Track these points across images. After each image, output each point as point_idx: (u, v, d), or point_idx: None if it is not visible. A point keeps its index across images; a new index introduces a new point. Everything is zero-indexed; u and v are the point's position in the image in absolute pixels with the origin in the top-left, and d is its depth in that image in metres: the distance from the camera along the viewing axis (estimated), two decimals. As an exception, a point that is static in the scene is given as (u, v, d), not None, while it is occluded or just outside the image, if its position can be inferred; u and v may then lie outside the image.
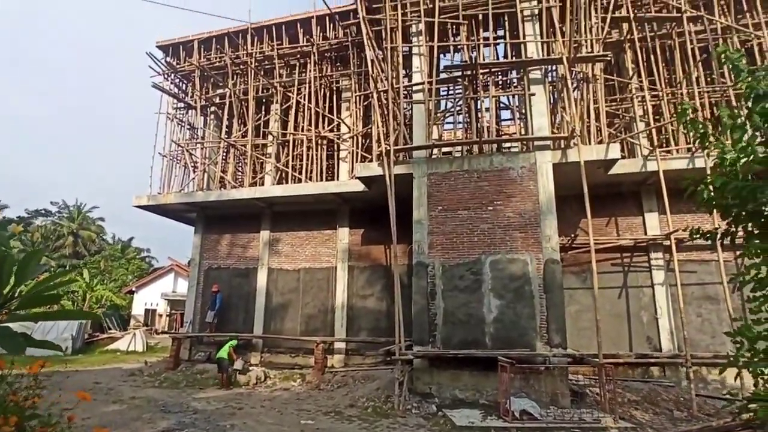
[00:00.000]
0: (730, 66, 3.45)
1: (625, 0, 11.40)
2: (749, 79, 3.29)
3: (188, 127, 16.89)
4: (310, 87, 14.54)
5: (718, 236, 3.77)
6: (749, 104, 3.28)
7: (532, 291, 9.55)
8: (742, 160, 3.34)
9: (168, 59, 16.47)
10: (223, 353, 11.79)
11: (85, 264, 33.81)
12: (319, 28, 14.75)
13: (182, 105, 16.80)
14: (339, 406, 9.52)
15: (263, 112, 16.01)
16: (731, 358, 3.49)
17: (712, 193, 3.53)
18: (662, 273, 10.94)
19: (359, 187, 12.00)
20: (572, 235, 11.10)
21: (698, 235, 3.81)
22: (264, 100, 15.97)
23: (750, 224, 3.49)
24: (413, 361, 9.90)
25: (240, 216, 14.89)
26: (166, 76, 16.51)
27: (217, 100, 16.39)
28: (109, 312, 27.20)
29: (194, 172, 15.96)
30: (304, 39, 14.88)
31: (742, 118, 3.42)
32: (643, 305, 11.06)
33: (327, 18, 14.50)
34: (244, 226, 14.93)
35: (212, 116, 16.72)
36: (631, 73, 11.88)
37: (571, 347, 10.04)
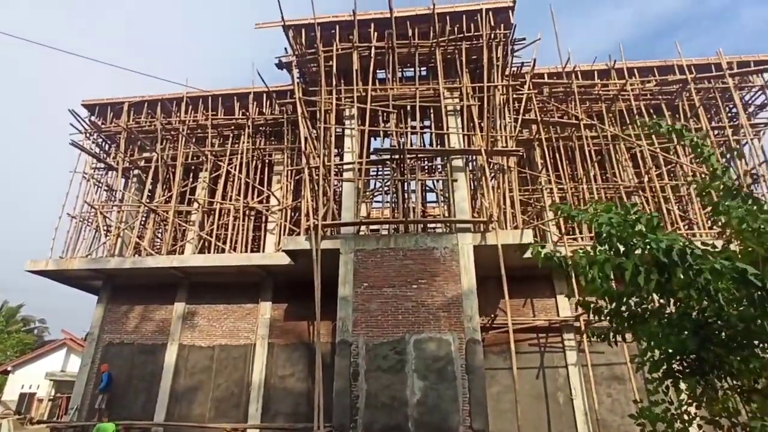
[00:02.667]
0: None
1: (534, 105, 13.05)
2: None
3: (106, 188, 15.93)
4: (242, 158, 14.54)
5: (604, 313, 4.00)
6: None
7: (454, 372, 9.52)
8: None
9: (93, 118, 15.85)
10: None
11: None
12: (255, 103, 15.14)
13: (102, 166, 15.96)
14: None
15: (191, 179, 15.60)
16: None
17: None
18: (575, 354, 11.48)
19: (285, 260, 11.75)
20: (492, 315, 11.47)
21: (584, 307, 4.07)
22: (193, 168, 15.64)
23: (620, 321, 3.82)
24: (332, 450, 9.21)
25: (153, 286, 13.76)
26: (88, 135, 15.77)
27: (142, 164, 15.79)
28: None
29: (106, 236, 14.81)
30: (240, 112, 15.15)
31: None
32: (559, 386, 11.39)
33: (264, 95, 14.97)
34: (157, 297, 13.76)
35: (134, 179, 15.97)
36: (540, 167, 13.27)
37: (493, 430, 9.94)
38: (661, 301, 3.60)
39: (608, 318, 3.84)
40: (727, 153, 12.04)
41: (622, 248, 3.24)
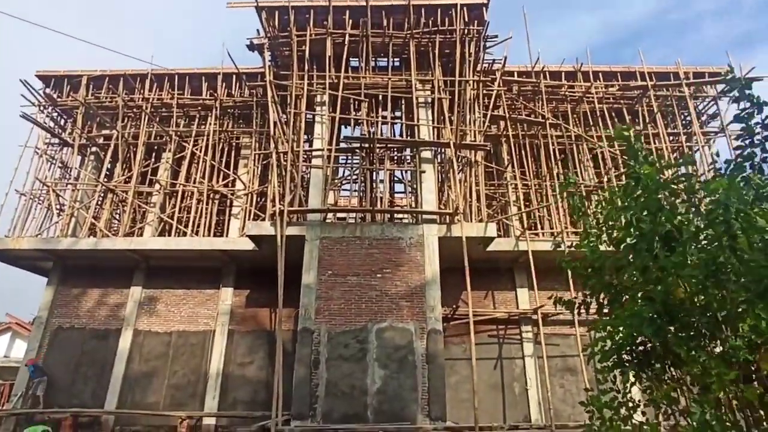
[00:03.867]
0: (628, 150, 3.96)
1: (503, 102, 13.28)
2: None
3: (60, 165, 15.13)
4: (208, 140, 14.11)
5: (576, 305, 4.21)
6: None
7: (415, 361, 9.64)
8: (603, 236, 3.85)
9: (48, 90, 14.99)
10: None
11: None
12: (224, 84, 14.71)
13: (56, 141, 15.13)
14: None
15: (153, 159, 15.02)
16: (587, 427, 3.76)
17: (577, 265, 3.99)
18: (531, 345, 11.84)
19: (249, 245, 11.52)
20: (454, 306, 11.66)
21: (560, 304, 4.24)
22: (155, 147, 15.06)
23: (603, 294, 3.99)
24: (290, 438, 9.15)
25: (109, 269, 13.20)
26: (41, 108, 14.90)
27: (101, 141, 15.07)
28: None
29: (59, 215, 14.08)
30: (208, 92, 14.67)
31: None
32: (515, 376, 11.73)
33: (234, 76, 14.56)
34: (113, 280, 13.21)
35: (92, 157, 15.22)
36: (506, 163, 13.54)
37: (451, 419, 10.11)
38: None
39: (589, 287, 3.98)
40: (680, 159, 12.64)
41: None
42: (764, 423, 3.13)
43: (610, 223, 3.80)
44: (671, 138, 13.81)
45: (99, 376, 12.27)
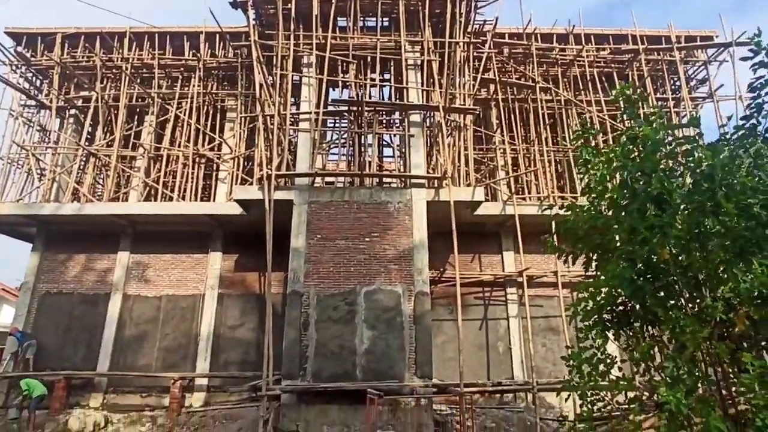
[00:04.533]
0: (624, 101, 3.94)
1: (493, 65, 13.07)
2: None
3: (38, 128, 14.66)
4: (192, 102, 13.72)
5: (563, 256, 4.34)
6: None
7: (402, 322, 9.87)
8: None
9: (20, 49, 14.31)
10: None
11: None
12: (207, 44, 14.19)
13: (33, 103, 14.59)
14: (192, 451, 8.59)
15: (135, 123, 14.63)
16: (566, 382, 3.94)
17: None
18: (516, 307, 12.18)
19: (237, 210, 11.46)
20: (441, 270, 11.86)
21: (550, 248, 4.36)
22: (137, 110, 14.64)
23: (594, 250, 4.10)
24: (281, 396, 9.44)
25: (94, 234, 13.05)
26: (14, 67, 14.27)
27: (80, 103, 14.57)
28: None
29: (40, 180, 13.77)
30: (190, 52, 14.16)
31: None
32: (499, 336, 12.12)
33: (217, 35, 14.04)
34: (99, 246, 13.10)
35: (71, 120, 14.75)
36: (495, 127, 13.47)
37: (437, 377, 10.50)
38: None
39: (580, 245, 4.07)
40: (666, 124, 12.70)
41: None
42: (732, 378, 3.31)
43: (606, 184, 3.83)
44: (659, 103, 13.80)
45: (89, 340, 12.36)
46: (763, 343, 3.33)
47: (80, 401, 11.59)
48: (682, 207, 3.30)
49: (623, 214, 3.62)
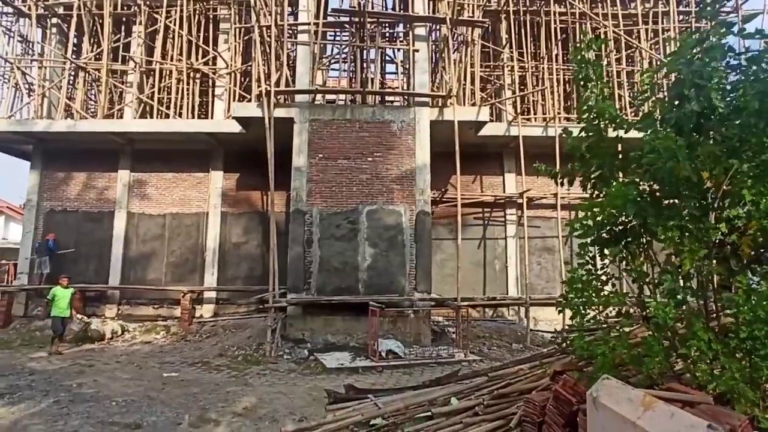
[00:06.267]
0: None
1: (505, -28, 12.06)
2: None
3: (20, 39, 13.85)
4: (181, 11, 12.82)
5: (559, 177, 4.40)
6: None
7: (404, 240, 10.14)
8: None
9: (-11, -52, 13.07)
10: (63, 310, 9.59)
11: None
12: (194, -57, 12.94)
13: (10, 10, 13.63)
14: (207, 356, 9.22)
15: (123, 34, 13.78)
16: (560, 299, 4.12)
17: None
18: (514, 227, 12.45)
19: (236, 128, 11.23)
20: (443, 190, 11.94)
21: (543, 171, 4.43)
22: (124, 19, 13.73)
23: (596, 169, 4.13)
24: (287, 308, 9.96)
25: (93, 152, 12.90)
26: (-15, -31, 13.13)
27: (61, 11, 13.61)
28: None
29: (29, 96, 13.30)
30: (176, -47, 12.95)
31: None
32: (497, 255, 12.54)
33: (204, -67, 12.77)
34: (98, 164, 13.02)
35: (54, 30, 13.88)
36: (504, 42, 12.78)
37: (436, 292, 11.01)
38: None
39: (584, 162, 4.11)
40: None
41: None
42: (719, 295, 3.49)
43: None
44: (680, 18, 12.97)
45: (98, 255, 12.75)
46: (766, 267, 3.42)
47: (96, 312, 12.25)
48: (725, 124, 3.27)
49: (655, 130, 3.56)
